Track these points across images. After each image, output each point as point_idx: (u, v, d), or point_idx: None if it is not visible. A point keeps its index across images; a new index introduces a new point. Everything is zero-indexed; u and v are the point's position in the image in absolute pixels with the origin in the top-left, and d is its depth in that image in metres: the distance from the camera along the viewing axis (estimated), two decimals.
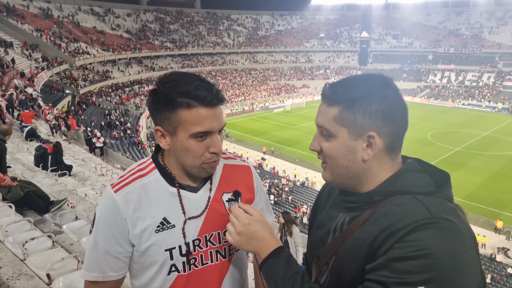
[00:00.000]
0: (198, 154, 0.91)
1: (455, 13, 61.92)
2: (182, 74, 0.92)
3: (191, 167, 0.94)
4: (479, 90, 47.70)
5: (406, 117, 0.82)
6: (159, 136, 0.95)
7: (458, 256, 0.67)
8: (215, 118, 0.90)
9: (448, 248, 0.67)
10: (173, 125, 0.90)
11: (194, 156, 0.92)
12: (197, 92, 0.87)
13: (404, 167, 0.84)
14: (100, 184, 7.18)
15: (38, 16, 39.57)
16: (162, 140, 0.94)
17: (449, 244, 0.67)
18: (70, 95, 26.94)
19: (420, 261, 0.66)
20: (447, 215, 0.72)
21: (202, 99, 0.88)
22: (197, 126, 0.88)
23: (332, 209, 0.94)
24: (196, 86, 0.88)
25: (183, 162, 0.94)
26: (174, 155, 0.95)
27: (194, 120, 0.88)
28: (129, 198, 0.93)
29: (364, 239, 0.77)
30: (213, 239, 1.01)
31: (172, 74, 0.92)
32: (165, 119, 0.90)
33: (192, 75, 0.92)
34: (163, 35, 53.97)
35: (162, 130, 0.93)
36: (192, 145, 0.90)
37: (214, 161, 0.95)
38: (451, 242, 0.68)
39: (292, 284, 0.84)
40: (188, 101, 0.87)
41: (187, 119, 0.88)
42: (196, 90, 0.87)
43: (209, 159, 0.93)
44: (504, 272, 14.27)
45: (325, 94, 0.85)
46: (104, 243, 0.93)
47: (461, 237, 0.70)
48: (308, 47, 63.59)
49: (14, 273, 2.48)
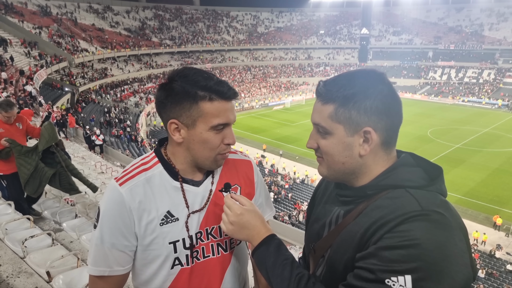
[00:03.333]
0: (215, 145, 0.96)
1: (455, 10, 61.71)
2: (197, 69, 0.97)
3: (205, 158, 0.98)
4: (479, 86, 47.63)
5: (401, 111, 0.84)
6: (173, 129, 0.96)
7: (446, 247, 0.69)
8: (231, 111, 0.97)
9: (436, 239, 0.68)
10: (193, 118, 0.93)
11: (210, 148, 0.96)
12: (218, 87, 0.93)
13: (398, 162, 0.85)
14: (100, 182, 7.18)
15: (37, 13, 39.42)
16: (176, 133, 0.96)
17: (437, 235, 0.69)
18: (69, 92, 26.87)
19: (407, 251, 0.68)
20: (437, 207, 0.73)
21: (222, 93, 0.93)
22: (217, 118, 0.93)
23: (328, 203, 0.96)
24: (216, 82, 0.94)
25: (197, 154, 0.97)
26: (187, 148, 0.97)
27: (215, 112, 0.93)
28: (134, 191, 0.94)
29: (356, 230, 0.79)
30: (214, 232, 1.02)
31: (186, 69, 0.96)
32: (183, 112, 0.93)
33: (206, 71, 0.97)
34: (162, 32, 53.77)
35: (178, 123, 0.95)
36: (210, 137, 0.95)
37: (227, 152, 1.00)
38: (439, 233, 0.69)
39: (282, 270, 0.86)
40: (210, 94, 0.92)
41: (208, 111, 0.92)
42: (216, 85, 0.93)
43: (224, 150, 0.98)
44: (504, 268, 14.31)
45: (320, 92, 0.86)
46: (109, 237, 0.94)
47: (450, 229, 0.71)
48: (308, 44, 63.41)
49: (14, 270, 2.49)
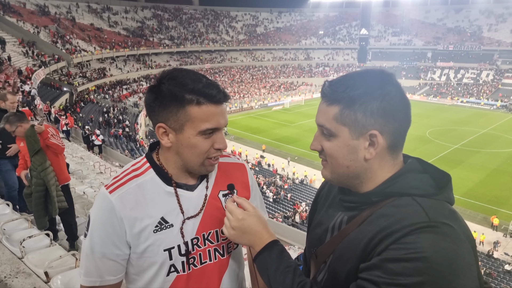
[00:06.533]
0: (203, 150, 0.92)
1: (454, 10, 61.84)
2: (187, 71, 0.92)
3: (194, 164, 0.94)
4: (478, 87, 47.75)
5: (409, 114, 0.80)
6: (161, 134, 0.93)
7: (454, 261, 0.66)
8: (222, 115, 0.92)
9: (444, 252, 0.66)
10: (180, 122, 0.89)
11: (199, 152, 0.92)
12: (206, 90, 0.88)
13: (405, 167, 0.82)
14: (99, 182, 7.17)
15: (35, 13, 39.34)
16: (165, 137, 0.93)
17: (445, 248, 0.66)
18: (68, 92, 26.81)
19: (413, 264, 0.66)
20: (445, 219, 0.70)
21: (211, 97, 0.89)
22: (206, 123, 0.89)
23: (331, 208, 0.93)
24: (205, 84, 0.89)
25: (186, 159, 0.94)
26: (176, 152, 0.94)
27: (204, 117, 0.89)
28: (125, 199, 0.91)
29: (360, 239, 0.76)
30: (211, 237, 1.00)
31: (175, 71, 0.91)
32: (171, 116, 0.89)
33: (196, 73, 0.92)
34: (161, 32, 53.74)
35: (165, 127, 0.91)
36: (199, 142, 0.91)
37: (217, 157, 0.96)
38: (447, 246, 0.67)
39: (284, 277, 0.85)
40: (198, 98, 0.88)
41: (196, 116, 0.88)
42: (205, 88, 0.88)
43: (213, 154, 0.94)
44: (501, 268, 14.35)
45: (325, 92, 0.83)
46: (100, 247, 0.91)
47: (459, 242, 0.68)
48: (307, 44, 63.45)
49: (12, 271, 2.47)
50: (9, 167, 3.99)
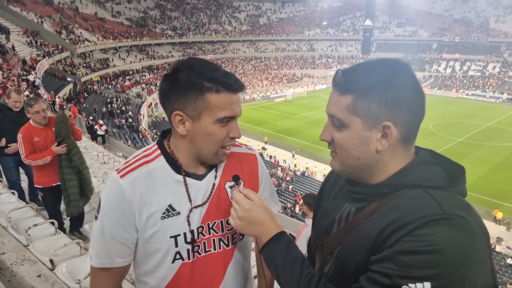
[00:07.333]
0: (219, 138, 0.93)
1: (462, 1, 60.85)
2: (203, 60, 0.93)
3: (208, 152, 0.95)
4: (484, 80, 47.19)
5: (423, 105, 0.78)
6: (177, 122, 0.93)
7: (469, 253, 0.65)
8: (238, 104, 0.94)
9: (458, 245, 0.65)
10: (198, 110, 0.90)
11: (215, 141, 0.93)
12: (224, 79, 0.90)
13: (416, 159, 0.81)
14: (102, 172, 7.21)
15: (39, 2, 39.07)
16: (181, 125, 0.93)
17: (460, 241, 0.65)
18: (72, 83, 26.82)
19: (427, 256, 0.65)
20: (459, 211, 0.69)
21: (229, 85, 0.90)
22: (223, 111, 0.90)
23: (337, 199, 0.92)
24: (223, 73, 0.90)
25: (201, 148, 0.94)
26: (191, 141, 0.95)
27: (222, 105, 0.90)
28: (135, 184, 0.92)
29: (370, 231, 0.75)
30: (216, 227, 1.00)
31: (192, 60, 0.92)
32: (189, 104, 0.90)
33: (211, 62, 0.93)
34: (164, 22, 53.34)
35: (183, 114, 0.91)
36: (216, 130, 0.92)
37: (230, 146, 0.97)
38: (462, 239, 0.66)
39: (292, 268, 0.84)
40: (217, 86, 0.89)
41: (215, 104, 0.89)
42: (223, 77, 0.90)
43: (227, 144, 0.95)
44: (504, 262, 14.40)
45: (337, 81, 0.80)
46: (110, 229, 0.93)
47: (473, 234, 0.67)
48: (310, 35, 62.83)
49: (18, 258, 2.51)
50: (11, 164, 4.09)
